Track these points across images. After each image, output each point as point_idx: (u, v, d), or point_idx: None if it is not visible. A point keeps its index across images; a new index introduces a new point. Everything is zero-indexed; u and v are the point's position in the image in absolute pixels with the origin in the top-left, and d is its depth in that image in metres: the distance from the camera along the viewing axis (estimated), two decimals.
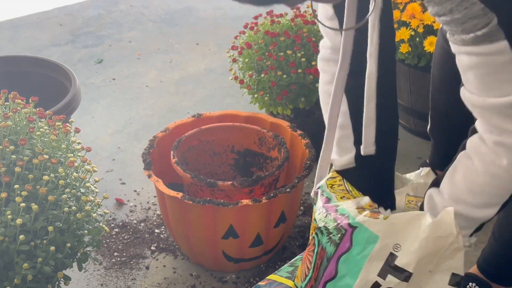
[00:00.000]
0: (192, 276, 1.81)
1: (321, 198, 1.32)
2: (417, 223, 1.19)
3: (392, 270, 1.20)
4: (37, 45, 2.95)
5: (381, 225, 1.20)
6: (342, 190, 1.33)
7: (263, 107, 2.13)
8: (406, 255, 1.19)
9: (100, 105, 2.55)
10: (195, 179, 1.69)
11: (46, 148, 1.42)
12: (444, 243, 1.17)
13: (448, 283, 1.20)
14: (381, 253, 1.20)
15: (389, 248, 1.20)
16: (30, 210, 1.31)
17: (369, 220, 1.21)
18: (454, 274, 1.20)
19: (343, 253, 1.24)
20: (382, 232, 1.20)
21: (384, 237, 1.20)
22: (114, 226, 1.96)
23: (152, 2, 3.33)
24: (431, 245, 1.18)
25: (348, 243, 1.23)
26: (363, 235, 1.21)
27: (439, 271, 1.20)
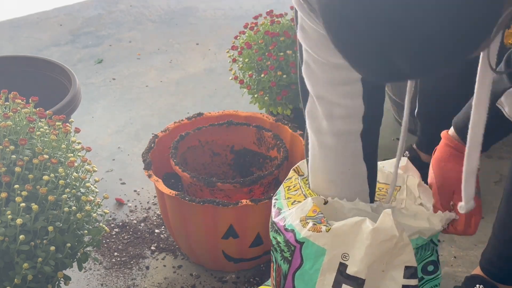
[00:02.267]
0: (192, 276, 1.81)
1: (273, 210, 1.31)
2: (359, 230, 1.19)
3: (346, 279, 1.20)
4: (37, 45, 2.95)
5: (325, 238, 1.20)
6: (296, 191, 1.32)
7: (263, 107, 2.13)
8: (355, 263, 1.19)
9: (100, 105, 2.55)
10: (195, 179, 1.69)
11: (46, 148, 1.43)
12: (389, 245, 1.18)
13: (403, 276, 1.21)
14: (331, 265, 1.21)
15: (338, 258, 1.20)
16: (30, 210, 1.31)
17: (313, 234, 1.21)
18: (407, 267, 1.20)
19: (296, 269, 1.24)
20: (328, 244, 1.20)
21: (330, 249, 1.20)
22: (114, 226, 1.96)
23: (152, 2, 3.33)
24: (377, 250, 1.18)
25: (299, 259, 1.23)
26: (311, 250, 1.21)
27: (392, 268, 1.21)
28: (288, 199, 1.32)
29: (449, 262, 1.83)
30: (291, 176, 1.37)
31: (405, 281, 1.21)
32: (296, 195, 1.32)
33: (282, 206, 1.30)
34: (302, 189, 1.32)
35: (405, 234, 1.19)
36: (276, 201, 1.33)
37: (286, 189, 1.35)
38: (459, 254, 1.85)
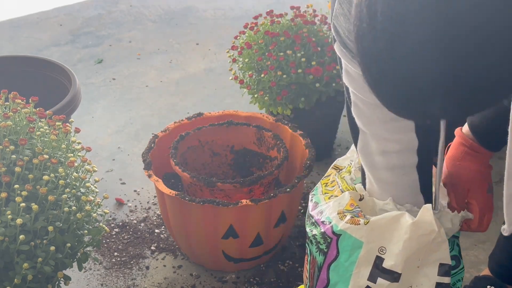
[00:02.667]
0: (192, 276, 1.81)
1: (310, 204, 1.32)
2: (397, 225, 1.19)
3: (381, 273, 1.20)
4: (37, 45, 2.95)
5: (363, 231, 1.21)
6: (333, 187, 1.33)
7: (263, 107, 2.13)
8: (392, 257, 1.20)
9: (100, 105, 2.55)
10: (195, 179, 1.69)
11: (46, 148, 1.43)
12: (427, 240, 1.19)
13: (438, 274, 1.21)
14: (368, 258, 1.21)
15: (375, 251, 1.21)
16: (30, 210, 1.31)
17: (351, 227, 1.21)
18: (442, 264, 1.21)
19: (332, 261, 1.24)
20: (365, 237, 1.21)
21: (368, 242, 1.21)
22: (114, 226, 1.96)
23: (152, 2, 3.33)
24: (415, 244, 1.18)
25: (335, 251, 1.23)
26: (348, 242, 1.22)
27: (427, 264, 1.21)
28: (325, 194, 1.32)
29: None
30: (330, 173, 1.38)
31: (439, 278, 1.21)
32: (333, 191, 1.32)
33: (319, 200, 1.31)
34: (339, 184, 1.33)
35: (443, 230, 1.19)
36: (314, 196, 1.34)
37: (323, 185, 1.36)
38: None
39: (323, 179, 1.38)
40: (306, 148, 1.81)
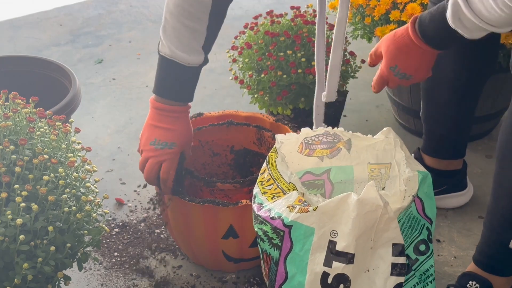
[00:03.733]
0: (192, 276, 1.81)
1: (254, 206, 1.33)
2: (345, 205, 1.21)
3: (335, 256, 1.22)
4: (37, 45, 2.95)
5: (313, 217, 1.22)
6: (271, 186, 1.34)
7: (263, 107, 2.13)
8: (344, 238, 1.21)
9: (100, 105, 2.55)
10: (194, 179, 1.69)
11: (46, 148, 1.43)
12: (375, 217, 1.20)
13: (392, 254, 1.22)
14: (321, 243, 1.23)
15: (327, 236, 1.23)
16: (30, 210, 1.31)
17: (301, 215, 1.23)
18: (395, 245, 1.22)
19: (287, 253, 1.26)
20: (316, 223, 1.22)
21: (319, 228, 1.22)
22: (114, 226, 1.96)
23: (152, 2, 3.33)
24: (363, 221, 1.20)
25: (289, 243, 1.25)
26: (300, 231, 1.23)
27: (380, 246, 1.23)
28: (264, 193, 1.33)
29: (449, 262, 1.83)
30: (264, 170, 1.38)
31: (393, 258, 1.23)
32: (272, 189, 1.33)
33: (262, 201, 1.32)
34: (277, 182, 1.33)
35: (390, 207, 1.20)
36: (255, 197, 1.35)
37: (259, 184, 1.37)
38: (459, 254, 1.85)
39: (259, 177, 1.38)
40: None
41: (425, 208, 1.34)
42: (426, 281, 1.34)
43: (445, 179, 1.94)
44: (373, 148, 1.43)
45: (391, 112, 2.38)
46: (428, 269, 1.34)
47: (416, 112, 2.16)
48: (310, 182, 1.47)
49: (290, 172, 1.33)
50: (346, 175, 1.46)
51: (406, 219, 1.30)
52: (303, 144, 1.46)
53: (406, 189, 1.28)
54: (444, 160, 1.94)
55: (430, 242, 1.34)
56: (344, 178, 1.46)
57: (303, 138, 1.46)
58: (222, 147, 1.93)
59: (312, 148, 1.46)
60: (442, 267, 1.81)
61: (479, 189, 2.06)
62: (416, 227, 1.32)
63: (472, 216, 1.98)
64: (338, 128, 1.47)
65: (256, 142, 1.91)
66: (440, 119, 1.89)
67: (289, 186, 1.30)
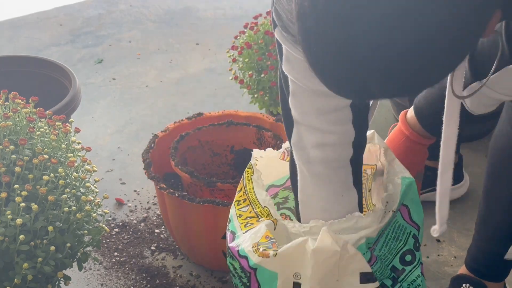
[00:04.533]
0: (192, 276, 1.81)
1: (228, 234, 1.32)
2: (303, 250, 1.19)
3: None
4: (37, 45, 2.95)
5: (274, 263, 1.21)
6: (246, 208, 1.32)
7: (263, 107, 2.13)
8: (307, 281, 1.20)
9: (100, 105, 2.55)
10: (195, 179, 1.69)
11: (46, 148, 1.43)
12: (334, 261, 1.18)
13: (360, 282, 1.21)
14: (286, 287, 1.22)
15: (291, 279, 1.22)
16: (30, 210, 1.31)
17: (263, 260, 1.22)
18: (362, 273, 1.20)
19: None
20: (278, 268, 1.21)
21: (282, 272, 1.21)
22: (114, 226, 1.96)
23: (152, 2, 3.33)
24: (323, 267, 1.19)
25: (256, 284, 1.24)
26: (263, 275, 1.23)
27: (346, 275, 1.21)
28: (239, 216, 1.31)
29: (449, 262, 1.83)
30: (240, 188, 1.36)
31: (363, 286, 1.21)
32: (247, 212, 1.31)
33: (236, 229, 1.30)
34: (252, 205, 1.32)
35: (350, 245, 1.18)
36: (230, 222, 1.33)
37: (236, 205, 1.35)
38: (459, 254, 1.85)
39: (236, 195, 1.36)
40: None
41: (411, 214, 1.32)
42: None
43: None
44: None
45: (391, 112, 2.38)
46: (415, 279, 1.32)
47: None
48: None
49: (265, 194, 1.31)
50: None
51: (390, 230, 1.29)
52: (285, 152, 1.44)
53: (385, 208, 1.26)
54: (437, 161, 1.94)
55: (416, 251, 1.32)
56: None
57: (284, 148, 1.45)
58: (222, 147, 1.93)
59: None
60: (442, 267, 1.81)
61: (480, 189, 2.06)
62: (402, 237, 1.31)
63: (472, 216, 1.98)
64: None
65: (256, 142, 1.91)
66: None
67: (263, 210, 1.28)
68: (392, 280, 1.30)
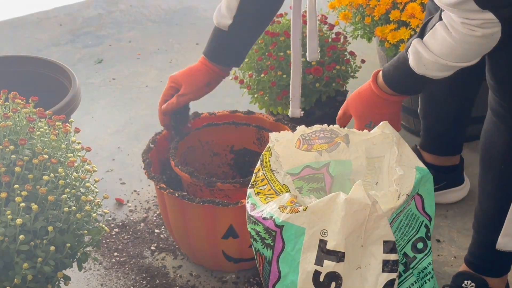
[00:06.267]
0: (192, 276, 1.81)
1: (248, 206, 1.35)
2: (333, 205, 1.22)
3: (326, 255, 1.23)
4: (37, 45, 2.95)
5: (303, 217, 1.24)
6: (264, 186, 1.35)
7: (263, 107, 2.13)
8: (334, 237, 1.22)
9: (100, 105, 2.55)
10: (195, 179, 1.69)
11: (46, 148, 1.42)
12: (364, 215, 1.21)
13: (383, 251, 1.23)
14: (311, 243, 1.24)
15: (317, 235, 1.24)
16: (30, 210, 1.31)
17: (291, 216, 1.24)
18: (385, 242, 1.23)
19: (279, 253, 1.27)
20: (306, 223, 1.24)
21: (309, 227, 1.24)
22: (114, 226, 1.96)
23: (152, 2, 3.33)
24: (352, 220, 1.21)
25: (281, 242, 1.26)
26: (291, 231, 1.25)
27: (371, 243, 1.23)
28: (258, 194, 1.34)
29: (449, 262, 1.83)
30: (258, 170, 1.39)
31: (385, 255, 1.23)
32: (266, 190, 1.34)
33: (255, 201, 1.33)
34: (270, 183, 1.34)
35: (379, 205, 1.21)
36: (248, 197, 1.36)
37: (254, 184, 1.37)
38: (459, 254, 1.85)
39: (253, 177, 1.39)
40: None
41: (425, 205, 1.34)
42: (424, 279, 1.35)
43: (444, 175, 1.96)
44: (370, 143, 1.44)
45: None
46: (426, 267, 1.34)
47: (416, 112, 2.16)
48: (310, 176, 1.48)
49: (284, 173, 1.34)
50: (345, 168, 1.47)
51: (404, 217, 1.30)
52: (301, 140, 1.46)
53: (399, 188, 1.28)
54: (443, 157, 1.95)
55: (428, 239, 1.34)
56: (343, 171, 1.47)
57: (299, 134, 1.47)
58: (222, 147, 1.93)
59: (310, 143, 1.46)
60: (442, 267, 1.81)
61: None
62: (414, 224, 1.32)
63: (472, 216, 1.97)
64: (334, 125, 1.48)
65: (256, 142, 1.90)
66: (438, 116, 1.90)
67: (282, 188, 1.32)
68: (404, 265, 1.31)
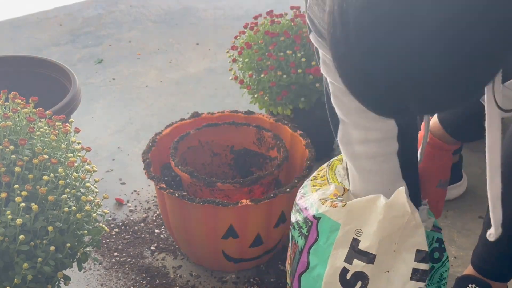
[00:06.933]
0: (192, 276, 1.81)
1: (298, 195, 1.36)
2: (373, 206, 1.22)
3: (357, 254, 1.23)
4: (37, 45, 2.95)
5: (341, 213, 1.24)
6: (323, 182, 1.36)
7: (263, 107, 2.13)
8: (368, 238, 1.23)
9: (100, 105, 2.55)
10: (195, 179, 1.69)
11: (46, 148, 1.42)
12: (401, 222, 1.21)
13: (414, 260, 1.23)
14: (344, 240, 1.25)
15: (351, 233, 1.24)
16: (30, 210, 1.31)
17: (330, 210, 1.25)
18: (418, 251, 1.23)
19: (312, 244, 1.28)
20: (343, 219, 1.24)
21: (345, 224, 1.24)
22: (114, 226, 1.96)
23: (152, 2, 3.33)
24: (389, 225, 1.21)
25: (315, 234, 1.27)
26: (326, 225, 1.26)
27: (404, 250, 1.23)
28: (313, 186, 1.36)
29: (449, 262, 1.83)
30: (322, 168, 1.40)
31: (415, 264, 1.23)
32: (322, 184, 1.35)
33: (307, 192, 1.35)
34: (329, 179, 1.36)
35: (418, 214, 1.21)
36: (303, 188, 1.37)
37: (313, 179, 1.39)
38: (459, 254, 1.85)
39: (315, 172, 1.40)
40: (306, 148, 1.81)
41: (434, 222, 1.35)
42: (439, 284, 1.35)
43: None
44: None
45: None
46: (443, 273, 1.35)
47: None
48: None
49: (345, 173, 1.35)
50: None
51: None
52: None
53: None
54: None
55: (443, 250, 1.35)
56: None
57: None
58: (222, 147, 1.93)
59: None
60: None
61: (480, 189, 2.06)
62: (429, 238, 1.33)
63: (472, 216, 1.98)
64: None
65: (256, 142, 1.91)
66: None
67: (339, 184, 1.33)
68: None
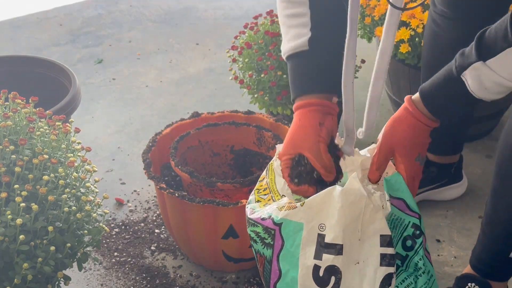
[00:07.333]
0: (192, 276, 1.81)
1: (247, 210, 1.36)
2: (330, 198, 1.24)
3: (325, 249, 1.24)
4: (37, 45, 2.95)
5: (301, 212, 1.25)
6: (266, 196, 1.37)
7: (263, 107, 2.13)
8: (332, 230, 1.23)
9: (100, 105, 2.55)
10: (195, 179, 1.69)
11: (46, 148, 1.43)
12: (359, 207, 1.22)
13: (380, 245, 1.24)
14: (310, 238, 1.25)
15: (316, 230, 1.25)
16: (30, 210, 1.31)
17: (289, 212, 1.26)
18: (382, 236, 1.24)
19: (279, 251, 1.28)
20: (304, 218, 1.25)
21: (307, 222, 1.25)
22: (114, 226, 1.96)
23: (152, 2, 3.33)
24: (349, 211, 1.22)
25: (280, 240, 1.27)
26: (289, 228, 1.26)
27: (368, 238, 1.24)
28: (258, 201, 1.37)
29: (449, 262, 1.83)
30: (262, 178, 1.41)
31: (382, 249, 1.24)
32: (266, 199, 1.36)
33: (255, 207, 1.36)
34: (272, 193, 1.37)
35: (374, 197, 1.23)
36: (249, 203, 1.38)
37: (256, 192, 1.40)
38: (459, 254, 1.85)
39: (257, 184, 1.40)
40: None
41: (409, 205, 1.34)
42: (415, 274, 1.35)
43: (446, 172, 1.97)
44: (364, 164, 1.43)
45: (391, 112, 2.38)
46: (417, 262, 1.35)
47: None
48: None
49: (284, 182, 1.35)
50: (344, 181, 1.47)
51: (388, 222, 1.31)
52: None
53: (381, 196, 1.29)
54: (444, 156, 1.96)
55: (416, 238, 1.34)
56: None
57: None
58: (222, 147, 1.93)
59: None
60: (442, 267, 1.81)
61: (479, 189, 2.06)
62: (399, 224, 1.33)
63: (472, 216, 1.98)
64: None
65: (256, 142, 1.91)
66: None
67: (281, 199, 1.34)
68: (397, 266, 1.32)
